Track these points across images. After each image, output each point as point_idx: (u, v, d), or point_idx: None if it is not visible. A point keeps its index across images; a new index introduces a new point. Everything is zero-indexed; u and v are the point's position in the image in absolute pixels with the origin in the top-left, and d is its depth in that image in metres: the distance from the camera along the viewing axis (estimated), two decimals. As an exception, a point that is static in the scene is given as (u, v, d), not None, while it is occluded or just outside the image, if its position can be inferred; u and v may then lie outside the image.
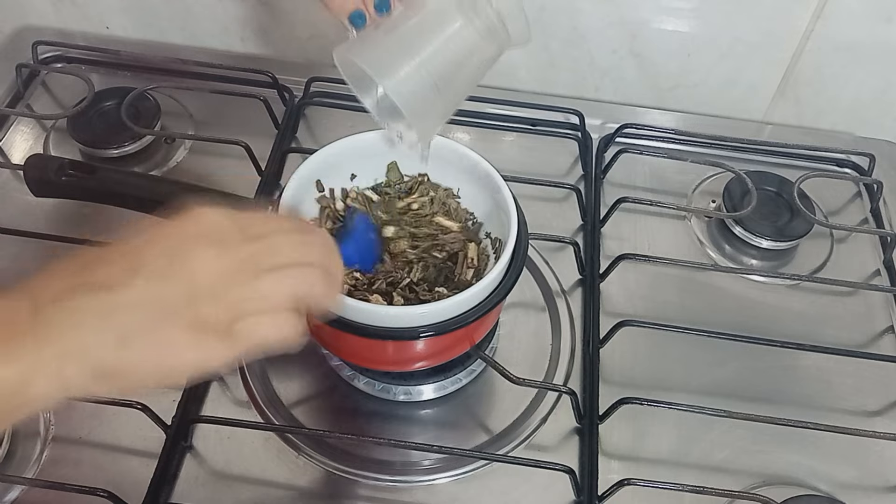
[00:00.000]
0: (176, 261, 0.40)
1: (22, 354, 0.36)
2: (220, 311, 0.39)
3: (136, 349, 0.38)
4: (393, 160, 0.65)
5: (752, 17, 0.82)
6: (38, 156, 0.66)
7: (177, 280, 0.39)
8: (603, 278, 0.72)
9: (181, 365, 0.39)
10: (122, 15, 0.91)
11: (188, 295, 0.39)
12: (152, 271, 0.39)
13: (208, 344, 0.39)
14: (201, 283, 0.39)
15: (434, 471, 0.61)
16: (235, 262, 0.41)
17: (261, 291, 0.41)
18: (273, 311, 0.41)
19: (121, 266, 0.39)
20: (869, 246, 0.79)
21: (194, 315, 0.39)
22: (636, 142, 0.84)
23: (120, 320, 0.38)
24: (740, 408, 0.63)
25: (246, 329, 0.40)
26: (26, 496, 0.58)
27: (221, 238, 0.41)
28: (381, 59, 0.53)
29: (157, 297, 0.38)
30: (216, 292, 0.40)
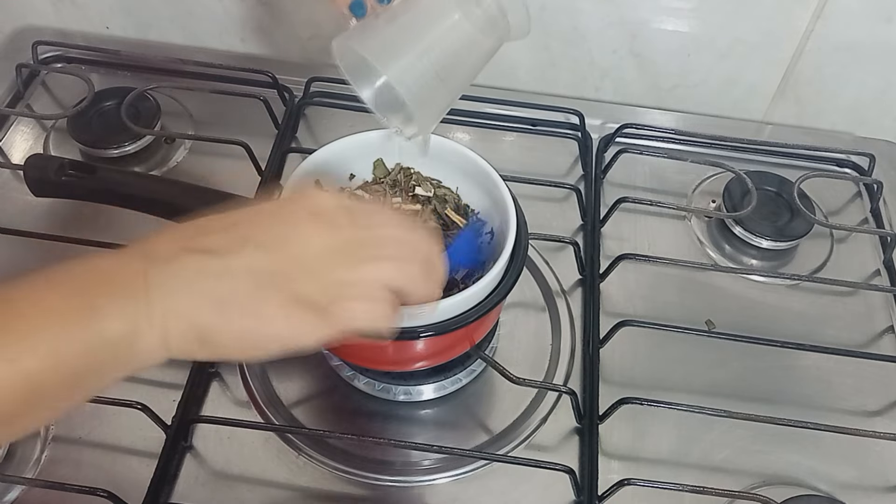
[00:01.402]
0: (281, 235, 0.41)
1: (133, 310, 0.38)
2: (319, 291, 0.40)
3: (234, 316, 0.39)
4: (379, 157, 0.65)
5: (752, 17, 0.82)
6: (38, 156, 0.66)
7: (282, 254, 0.40)
8: (603, 278, 0.72)
9: (272, 336, 0.40)
10: (122, 15, 0.91)
11: (291, 270, 0.40)
12: (260, 242, 0.40)
13: (302, 320, 0.40)
14: (303, 259, 0.40)
15: (434, 471, 0.61)
16: (341, 245, 0.41)
17: (361, 277, 0.41)
18: (370, 297, 0.41)
19: (232, 234, 0.41)
20: (869, 246, 0.79)
21: (294, 290, 0.40)
22: (636, 142, 0.84)
23: (221, 287, 0.39)
24: (740, 408, 0.63)
25: (341, 311, 0.40)
26: (26, 496, 0.58)
27: (331, 221, 0.42)
28: (382, 48, 0.53)
29: (261, 268, 0.40)
30: (318, 272, 0.40)
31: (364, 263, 0.42)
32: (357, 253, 0.42)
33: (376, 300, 0.41)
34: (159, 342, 0.38)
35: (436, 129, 0.61)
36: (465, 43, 0.54)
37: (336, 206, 0.43)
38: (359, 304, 0.41)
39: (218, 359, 0.40)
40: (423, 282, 0.43)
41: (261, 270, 0.40)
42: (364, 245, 0.42)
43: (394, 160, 0.65)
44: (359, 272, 0.41)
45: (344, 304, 0.41)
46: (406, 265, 0.43)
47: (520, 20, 0.54)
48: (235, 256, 0.39)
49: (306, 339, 0.40)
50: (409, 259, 0.43)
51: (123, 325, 0.37)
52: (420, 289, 0.43)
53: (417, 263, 0.43)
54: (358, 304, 0.41)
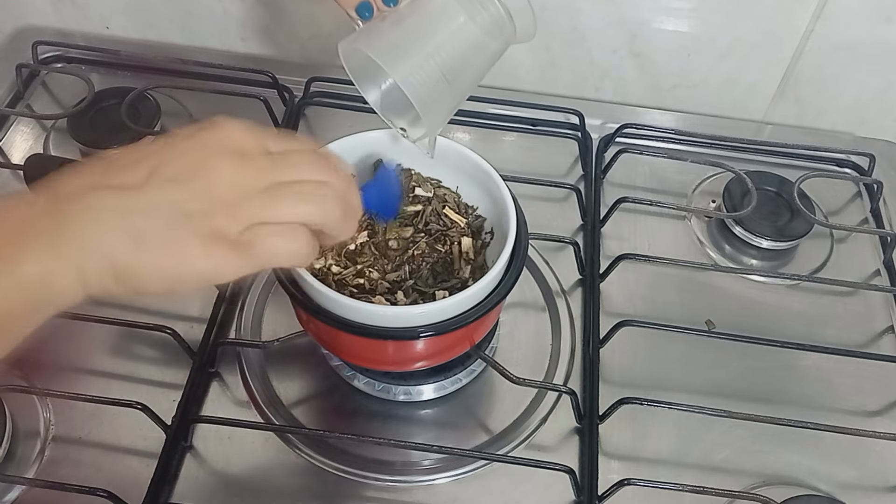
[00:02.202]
0: (195, 168, 0.40)
1: (42, 250, 0.37)
2: (234, 222, 0.40)
3: (150, 251, 0.38)
4: (379, 158, 0.65)
5: (752, 17, 0.82)
6: (38, 156, 0.66)
7: (192, 186, 0.39)
8: (603, 278, 0.72)
9: (192, 272, 0.39)
10: (122, 15, 0.91)
11: (202, 202, 0.39)
12: (171, 176, 0.39)
13: (220, 253, 0.39)
14: (218, 193, 0.40)
15: (434, 471, 0.61)
16: (254, 174, 0.41)
17: (277, 206, 0.41)
18: (289, 233, 0.41)
19: (139, 167, 0.39)
20: (869, 246, 0.79)
21: (208, 224, 0.39)
22: (636, 142, 0.84)
23: (136, 222, 0.38)
24: (740, 408, 0.63)
25: (258, 241, 0.40)
26: (26, 496, 0.58)
27: (243, 150, 0.41)
28: (389, 50, 0.53)
29: (171, 201, 0.39)
30: (231, 203, 0.40)
31: (280, 198, 0.41)
32: (270, 181, 0.41)
33: (294, 235, 0.41)
34: (75, 281, 0.38)
35: (438, 130, 0.61)
36: (471, 45, 0.54)
37: (246, 135, 0.42)
38: (277, 239, 0.41)
39: (136, 294, 0.39)
40: (341, 220, 0.43)
41: (173, 204, 0.39)
42: (277, 172, 0.41)
43: (394, 161, 0.65)
44: (276, 207, 0.41)
45: (262, 238, 0.40)
46: (325, 203, 0.42)
47: (526, 23, 0.55)
48: (147, 190, 0.39)
49: (224, 272, 0.40)
50: (328, 197, 0.43)
51: (36, 267, 0.37)
52: (338, 227, 0.43)
53: (333, 197, 0.43)
54: (276, 238, 0.41)
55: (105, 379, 0.64)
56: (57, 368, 0.65)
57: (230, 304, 0.69)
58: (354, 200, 0.45)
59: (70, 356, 0.66)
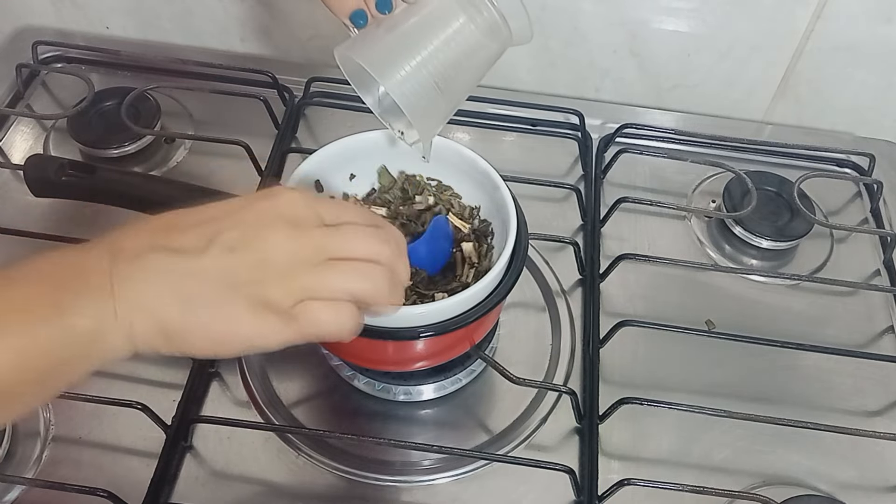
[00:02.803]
0: (250, 236, 0.41)
1: (99, 306, 0.38)
2: (285, 295, 0.41)
3: (199, 316, 0.40)
4: (382, 164, 0.65)
5: (752, 17, 0.82)
6: (38, 156, 0.66)
7: (247, 255, 0.41)
8: (603, 278, 0.72)
9: (238, 338, 0.41)
10: (122, 15, 0.91)
11: (256, 272, 0.40)
12: (227, 243, 0.41)
13: (267, 322, 0.40)
14: (270, 262, 0.41)
15: (434, 471, 0.61)
16: (307, 246, 0.42)
17: (327, 281, 0.42)
18: (334, 304, 0.42)
19: (200, 233, 0.41)
20: (869, 246, 0.79)
21: (258, 292, 0.40)
22: (636, 142, 0.84)
23: (188, 285, 0.40)
24: (740, 408, 0.63)
25: (305, 314, 0.41)
26: (26, 496, 0.58)
27: (297, 221, 0.42)
28: (381, 58, 0.53)
29: (226, 269, 0.40)
30: (283, 273, 0.41)
31: (328, 266, 0.42)
32: (322, 254, 0.42)
33: (341, 309, 0.42)
34: (125, 338, 0.39)
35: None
36: (465, 51, 0.54)
37: (301, 204, 0.43)
38: (323, 311, 0.42)
39: (183, 355, 0.41)
40: (387, 291, 0.44)
41: (227, 271, 0.40)
42: (329, 245, 0.42)
43: (396, 162, 0.65)
44: (324, 279, 0.42)
45: (309, 309, 0.41)
46: (371, 274, 0.43)
47: (521, 26, 0.54)
48: (202, 256, 0.40)
49: (270, 340, 0.41)
50: (375, 271, 0.43)
51: (89, 321, 0.38)
52: (383, 297, 0.44)
53: (382, 272, 0.44)
54: (322, 310, 0.42)
55: (105, 379, 0.64)
56: (57, 368, 0.65)
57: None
58: (403, 273, 0.46)
59: (70, 356, 0.65)
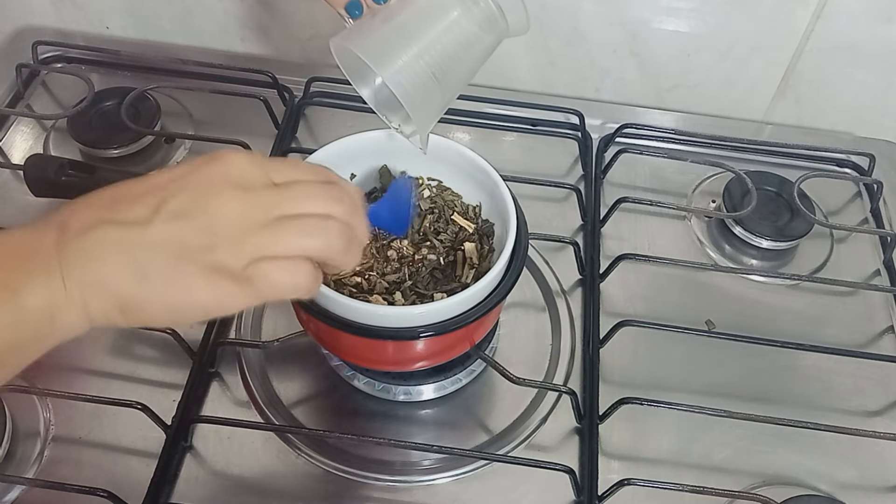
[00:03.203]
0: (199, 202, 0.40)
1: (49, 283, 0.38)
2: (238, 257, 0.40)
3: (154, 286, 0.39)
4: (384, 164, 0.65)
5: (752, 17, 0.82)
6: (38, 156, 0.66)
7: (196, 221, 0.40)
8: (603, 278, 0.72)
9: (196, 305, 0.40)
10: (122, 15, 0.91)
11: (206, 237, 0.40)
12: (174, 210, 0.40)
13: (223, 287, 0.40)
14: (221, 227, 0.40)
15: (434, 471, 0.61)
16: (258, 207, 0.41)
17: (279, 240, 0.41)
18: (291, 266, 0.41)
19: (143, 203, 0.40)
20: (869, 246, 0.79)
21: (212, 258, 0.40)
22: (636, 142, 0.84)
23: (140, 256, 0.39)
24: (740, 408, 0.63)
25: (261, 274, 0.40)
26: (26, 496, 0.58)
27: (246, 182, 0.42)
28: (378, 49, 0.52)
29: (175, 236, 0.39)
30: (235, 236, 0.40)
31: (283, 232, 0.41)
32: (274, 214, 0.41)
33: (296, 268, 0.41)
34: (80, 313, 0.39)
35: (436, 129, 0.61)
36: (462, 42, 0.54)
37: (249, 166, 0.42)
38: (277, 270, 0.41)
39: (141, 325, 0.41)
40: (344, 251, 0.43)
41: (177, 239, 0.39)
42: (280, 204, 0.42)
43: (395, 162, 0.65)
44: (276, 237, 0.41)
45: (262, 269, 0.40)
46: (325, 234, 0.42)
47: (518, 17, 0.54)
48: (150, 225, 0.39)
49: (227, 305, 0.40)
50: (329, 228, 0.43)
51: (41, 300, 0.37)
52: (340, 257, 0.43)
53: (336, 228, 0.43)
54: (276, 269, 0.41)
55: (105, 379, 0.64)
56: (57, 368, 0.65)
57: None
58: (360, 230, 0.45)
59: (70, 356, 0.65)
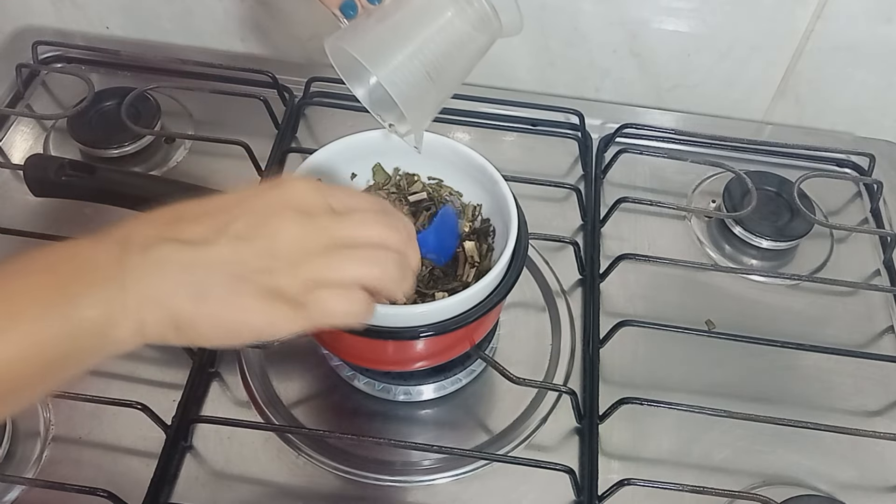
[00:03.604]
0: (260, 225, 0.41)
1: (109, 297, 0.38)
2: (295, 282, 0.40)
3: (211, 306, 0.39)
4: (377, 162, 0.65)
5: (752, 17, 0.82)
6: (38, 156, 0.66)
7: (256, 244, 0.40)
8: (603, 278, 0.72)
9: (249, 327, 0.40)
10: (122, 15, 0.91)
11: (265, 260, 0.40)
12: (236, 234, 0.40)
13: (277, 311, 0.40)
14: (279, 251, 0.40)
15: (434, 471, 0.61)
16: (317, 234, 0.42)
17: (337, 267, 0.42)
18: (345, 294, 0.42)
19: (209, 224, 0.41)
20: (869, 246, 0.79)
21: (269, 281, 0.40)
22: (636, 142, 0.84)
23: (199, 276, 0.39)
24: (740, 408, 0.63)
25: (315, 302, 0.41)
26: (26, 496, 0.58)
27: (305, 208, 0.42)
28: (373, 49, 0.53)
29: (235, 258, 0.40)
30: (292, 261, 0.41)
31: (339, 252, 0.42)
32: (332, 242, 0.42)
33: (351, 297, 0.42)
34: (135, 329, 0.39)
35: (436, 129, 0.61)
36: (456, 41, 0.54)
37: (310, 193, 0.43)
38: (333, 298, 0.41)
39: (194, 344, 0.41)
40: (398, 279, 0.44)
41: (237, 261, 0.40)
42: (339, 232, 0.42)
43: (396, 162, 0.65)
44: (335, 268, 0.41)
45: (319, 297, 0.41)
46: (382, 263, 0.43)
47: (511, 17, 0.54)
48: (212, 246, 0.40)
49: (281, 329, 0.41)
50: (385, 257, 0.43)
51: (99, 312, 0.38)
52: (394, 286, 0.44)
53: (392, 258, 0.43)
54: (332, 297, 0.41)
55: (105, 379, 0.64)
56: (57, 368, 0.65)
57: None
58: (413, 259, 0.45)
59: (70, 356, 0.65)
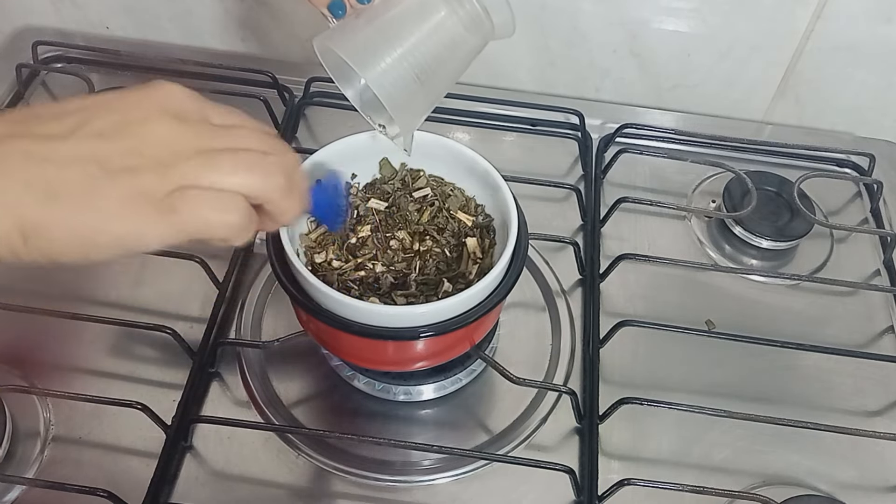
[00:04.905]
0: (126, 124, 0.36)
1: None
2: (163, 181, 0.36)
3: (63, 207, 0.34)
4: (384, 157, 0.65)
5: (752, 17, 0.82)
6: (37, 156, 0.66)
7: (120, 142, 0.36)
8: (603, 278, 0.72)
9: (109, 233, 0.35)
10: (122, 15, 0.91)
11: (129, 158, 0.35)
12: (97, 129, 0.36)
13: (142, 215, 0.35)
14: (148, 150, 0.36)
15: (434, 471, 0.61)
16: (192, 137, 0.37)
17: (213, 170, 0.37)
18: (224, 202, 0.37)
19: (66, 121, 0.36)
20: (869, 246, 0.79)
21: (133, 182, 0.35)
22: (636, 142, 0.84)
23: (50, 174, 0.35)
24: (740, 408, 0.63)
25: (187, 204, 0.36)
26: (26, 496, 0.58)
27: (181, 111, 0.38)
28: (362, 50, 0.52)
29: (95, 154, 0.35)
30: (162, 162, 0.36)
31: (220, 163, 0.37)
32: (212, 151, 0.37)
33: (230, 203, 0.37)
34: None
35: (437, 129, 0.61)
36: (446, 44, 0.53)
37: (188, 100, 0.39)
38: (209, 204, 0.36)
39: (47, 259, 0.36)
40: (285, 194, 0.39)
41: (96, 157, 0.35)
42: (219, 144, 0.38)
43: (394, 162, 0.65)
44: (213, 172, 0.37)
45: (192, 202, 0.36)
46: (267, 172, 0.38)
47: (503, 18, 0.54)
48: (67, 142, 0.35)
49: (147, 236, 0.36)
50: (271, 166, 0.38)
51: None
52: (281, 202, 0.39)
53: (279, 173, 0.39)
54: (209, 206, 0.36)
55: (105, 379, 0.64)
56: (57, 368, 0.65)
57: (230, 304, 0.69)
58: (299, 179, 0.41)
59: (70, 356, 0.66)
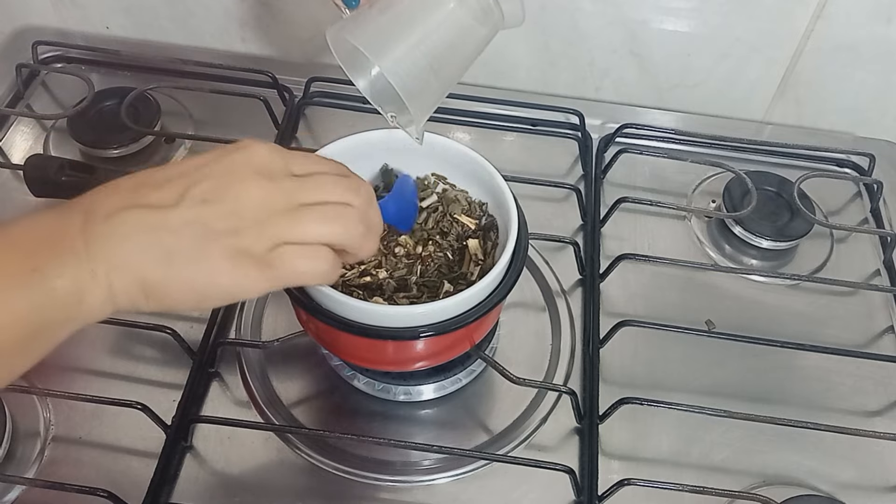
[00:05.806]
0: (221, 187, 0.41)
1: (76, 265, 0.38)
2: (260, 241, 0.41)
3: (178, 268, 0.40)
4: (384, 162, 0.65)
5: (752, 17, 0.82)
6: (38, 156, 0.66)
7: (220, 206, 0.41)
8: (603, 278, 0.72)
9: (218, 288, 0.41)
10: (122, 15, 0.91)
11: (230, 221, 0.41)
12: (199, 195, 0.41)
13: (246, 270, 0.41)
14: (243, 211, 0.41)
15: (434, 471, 0.61)
16: (280, 194, 0.42)
17: (301, 226, 0.42)
18: (312, 253, 0.43)
19: (172, 188, 0.41)
20: (869, 246, 0.79)
21: (234, 241, 0.40)
22: (636, 142, 0.84)
23: (165, 239, 0.40)
24: (740, 408, 0.63)
25: (282, 258, 0.41)
26: (26, 496, 0.58)
27: (269, 170, 0.43)
28: (376, 39, 0.53)
29: (200, 220, 0.40)
30: (257, 221, 0.41)
31: (304, 218, 0.42)
32: (295, 201, 0.42)
33: (317, 254, 0.43)
34: (105, 297, 0.39)
35: (436, 129, 0.61)
36: (458, 33, 0.54)
37: (271, 155, 0.43)
38: (300, 258, 0.42)
39: (165, 310, 0.41)
40: (362, 235, 0.45)
41: (202, 223, 0.40)
42: (301, 192, 0.43)
43: (396, 162, 0.65)
44: (298, 223, 0.42)
45: (286, 256, 0.42)
46: (344, 220, 0.44)
47: (513, 8, 0.55)
48: (176, 209, 0.40)
49: (249, 289, 0.41)
50: (350, 217, 0.44)
51: (67, 282, 0.38)
52: (358, 242, 0.45)
53: (354, 215, 0.44)
54: (298, 254, 0.42)
55: (105, 379, 0.64)
56: (57, 368, 0.65)
57: (230, 304, 0.69)
58: (375, 218, 0.46)
59: (70, 356, 0.66)
